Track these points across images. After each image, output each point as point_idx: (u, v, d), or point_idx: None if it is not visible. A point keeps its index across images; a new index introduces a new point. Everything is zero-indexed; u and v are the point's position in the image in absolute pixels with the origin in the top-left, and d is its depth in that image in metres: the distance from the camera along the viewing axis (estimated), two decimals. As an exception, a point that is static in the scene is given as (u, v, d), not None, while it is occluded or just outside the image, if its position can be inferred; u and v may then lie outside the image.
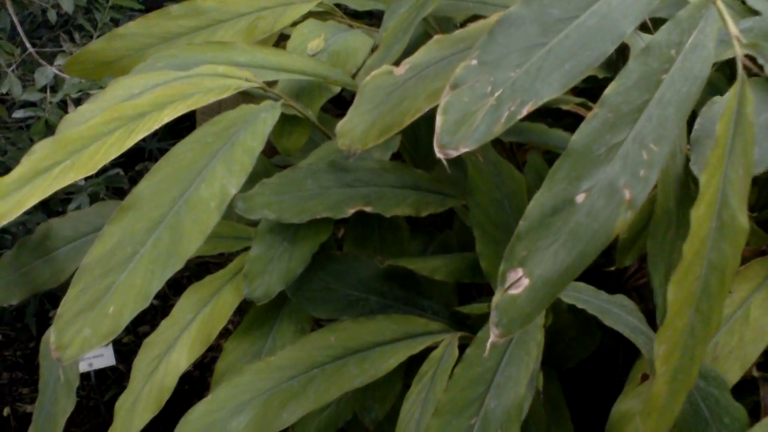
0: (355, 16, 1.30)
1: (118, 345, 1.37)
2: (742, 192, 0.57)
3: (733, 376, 0.81)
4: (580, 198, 0.57)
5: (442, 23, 1.15)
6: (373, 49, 1.07)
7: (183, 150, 0.84)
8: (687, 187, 0.74)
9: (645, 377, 0.84)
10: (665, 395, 0.59)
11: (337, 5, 1.23)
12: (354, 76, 1.03)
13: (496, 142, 1.09)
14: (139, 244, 0.76)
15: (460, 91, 0.62)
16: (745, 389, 0.84)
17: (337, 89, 1.04)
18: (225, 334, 0.96)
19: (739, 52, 0.64)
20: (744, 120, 0.59)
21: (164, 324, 0.91)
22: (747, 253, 0.87)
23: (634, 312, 0.86)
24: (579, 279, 0.88)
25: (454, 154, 0.60)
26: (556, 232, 0.57)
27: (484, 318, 0.80)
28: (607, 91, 0.60)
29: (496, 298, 0.57)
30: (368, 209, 0.92)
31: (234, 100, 0.96)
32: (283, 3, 1.13)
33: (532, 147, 1.18)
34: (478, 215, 0.91)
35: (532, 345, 0.79)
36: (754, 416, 0.83)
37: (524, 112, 0.60)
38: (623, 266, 0.88)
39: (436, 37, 0.95)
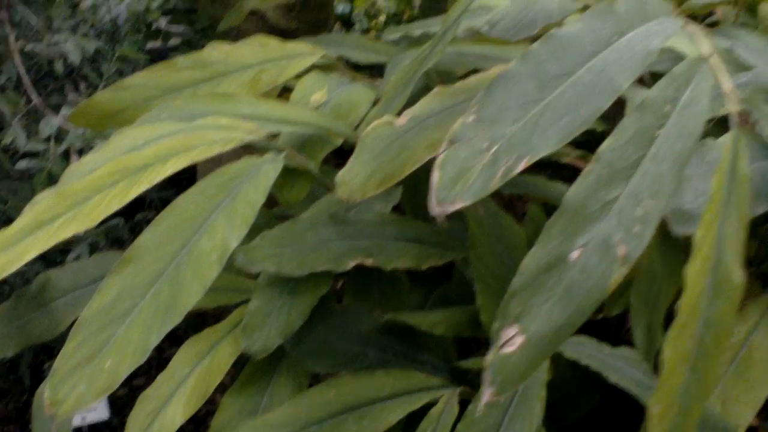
0: (359, 68, 1.32)
1: (112, 398, 1.35)
2: (738, 247, 0.57)
3: (745, 420, 0.80)
4: (574, 255, 0.57)
5: (444, 76, 1.16)
6: (376, 102, 1.08)
7: (185, 202, 0.84)
8: (671, 240, 0.74)
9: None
10: (663, 454, 0.58)
11: (341, 58, 1.24)
12: (356, 128, 1.04)
13: (496, 194, 1.09)
14: (138, 297, 0.76)
15: (458, 147, 0.62)
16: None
17: (339, 141, 1.04)
18: (221, 386, 0.95)
19: (732, 107, 0.64)
20: (738, 175, 0.59)
21: (161, 378, 0.90)
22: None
23: (639, 363, 0.85)
24: (581, 329, 0.88)
25: (451, 209, 0.60)
26: (550, 288, 0.57)
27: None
28: (602, 147, 0.60)
29: (490, 357, 0.57)
30: (369, 262, 0.91)
31: (235, 151, 0.97)
32: (287, 56, 1.14)
33: (531, 199, 1.18)
34: (479, 268, 0.91)
35: (535, 402, 0.78)
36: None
37: (520, 167, 0.60)
38: (611, 315, 0.88)
39: (436, 88, 0.96)
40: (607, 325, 0.98)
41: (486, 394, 0.57)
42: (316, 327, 0.92)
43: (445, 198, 0.61)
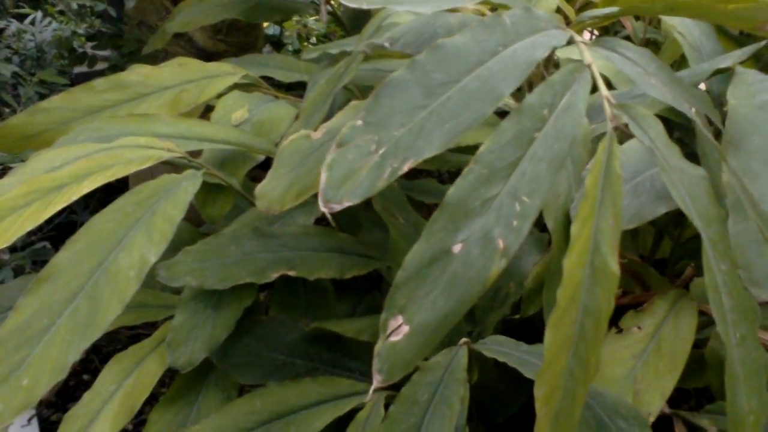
0: (282, 87, 1.34)
1: (45, 423, 1.33)
2: (613, 240, 0.60)
3: (655, 408, 0.83)
4: (456, 248, 0.60)
5: (364, 91, 1.19)
6: (297, 118, 1.10)
7: (102, 220, 0.84)
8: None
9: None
10: (548, 437, 0.60)
11: (264, 77, 1.27)
12: (277, 145, 1.06)
13: (418, 204, 1.12)
14: (55, 315, 0.76)
15: (346, 149, 0.65)
16: (663, 425, 0.87)
17: (261, 157, 1.06)
18: (153, 403, 0.94)
19: (608, 111, 0.68)
20: (612, 173, 0.63)
21: (86, 396, 0.89)
22: (646, 298, 0.91)
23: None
24: (511, 332, 0.91)
25: (338, 208, 0.63)
26: (434, 280, 0.60)
27: (409, 376, 0.82)
28: (482, 149, 0.63)
29: (378, 346, 0.59)
30: (292, 273, 0.93)
31: (165, 172, 0.98)
32: (208, 76, 1.16)
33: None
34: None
35: (455, 400, 0.80)
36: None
37: (405, 168, 0.63)
38: (528, 315, 0.91)
39: (352, 103, 0.99)
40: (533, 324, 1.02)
41: (376, 381, 0.60)
42: (242, 339, 0.93)
43: (333, 197, 0.63)
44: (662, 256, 1.14)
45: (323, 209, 0.64)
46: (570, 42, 0.75)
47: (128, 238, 0.82)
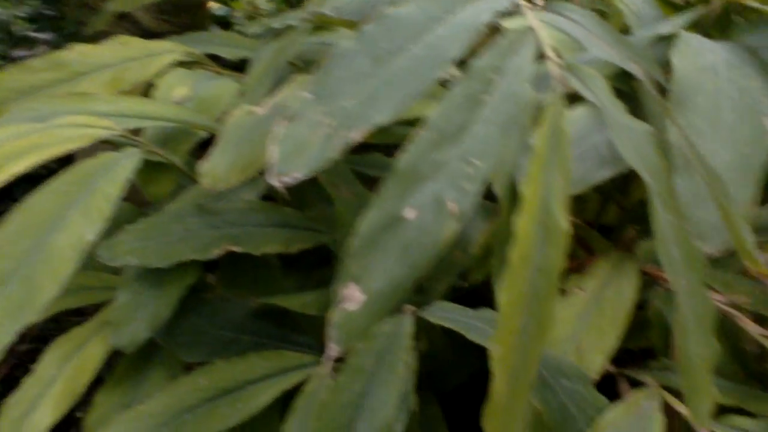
0: (231, 66, 1.32)
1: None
2: (562, 199, 0.60)
3: (598, 366, 0.84)
4: (408, 214, 0.60)
5: (310, 66, 1.18)
6: (241, 95, 1.09)
7: (38, 200, 0.82)
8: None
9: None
10: (506, 396, 0.61)
11: (211, 56, 1.25)
12: (220, 121, 1.04)
13: (366, 178, 1.12)
14: (-13, 297, 0.74)
15: (296, 122, 0.64)
16: (607, 384, 0.88)
17: (205, 134, 1.05)
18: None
19: (555, 71, 0.68)
20: (560, 133, 0.63)
21: (27, 382, 0.88)
22: (591, 261, 0.92)
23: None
24: (459, 300, 0.92)
25: (291, 182, 0.62)
26: (387, 247, 0.60)
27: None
28: (432, 114, 0.63)
29: (333, 315, 0.59)
30: (237, 249, 0.92)
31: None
32: (150, 54, 1.14)
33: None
34: (345, 248, 0.93)
35: (400, 366, 0.80)
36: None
37: (357, 137, 0.63)
38: (477, 282, 0.91)
39: (297, 77, 0.98)
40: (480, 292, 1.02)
41: (331, 350, 0.59)
42: (187, 317, 0.92)
43: (285, 171, 0.62)
44: (608, 223, 1.15)
45: (276, 184, 0.63)
46: (515, 6, 0.75)
47: (65, 218, 0.81)
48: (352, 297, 0.60)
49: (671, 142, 0.82)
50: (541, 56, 0.71)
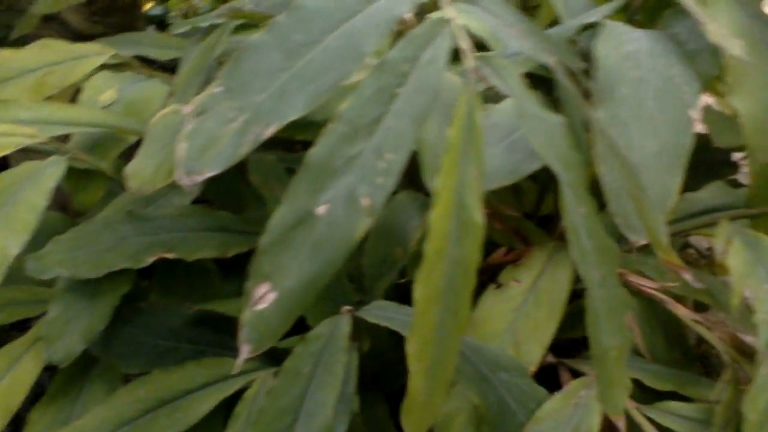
0: (164, 68, 1.29)
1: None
2: (477, 192, 0.60)
3: (536, 357, 0.84)
4: (320, 209, 0.59)
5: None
6: (170, 95, 1.07)
7: (-43, 214, 0.80)
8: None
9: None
10: (424, 391, 0.61)
11: (142, 58, 1.22)
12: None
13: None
14: None
15: (205, 118, 0.63)
16: (547, 374, 0.89)
17: (133, 139, 1.02)
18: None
19: (468, 62, 0.67)
20: (474, 126, 0.63)
21: (-43, 402, 0.85)
22: (528, 252, 0.93)
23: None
24: (403, 298, 0.91)
25: (199, 179, 0.61)
26: (299, 244, 0.58)
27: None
28: (343, 106, 0.62)
29: (244, 316, 0.58)
30: (170, 255, 0.90)
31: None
32: (75, 57, 1.11)
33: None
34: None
35: (338, 368, 0.79)
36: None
37: (269, 132, 0.62)
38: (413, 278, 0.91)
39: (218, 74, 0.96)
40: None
41: (244, 352, 0.59)
42: (123, 327, 0.90)
43: (194, 168, 0.61)
44: (548, 213, 1.16)
45: (185, 182, 0.61)
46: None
47: (-14, 231, 0.78)
48: (263, 296, 0.59)
49: (594, 133, 0.82)
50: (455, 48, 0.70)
